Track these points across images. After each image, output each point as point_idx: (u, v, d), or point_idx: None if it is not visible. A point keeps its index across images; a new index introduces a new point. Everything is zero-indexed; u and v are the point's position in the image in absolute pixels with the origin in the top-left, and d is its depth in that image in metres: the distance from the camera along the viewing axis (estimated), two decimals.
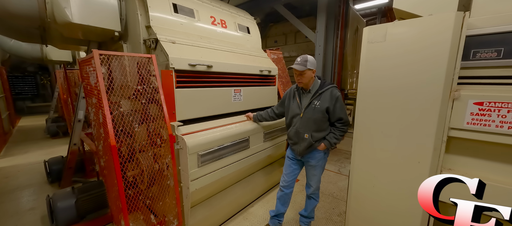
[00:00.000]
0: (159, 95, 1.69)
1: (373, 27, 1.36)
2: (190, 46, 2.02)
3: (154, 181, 1.76)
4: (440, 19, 1.11)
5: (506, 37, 1.07)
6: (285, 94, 2.01)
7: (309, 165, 1.96)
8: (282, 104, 2.08)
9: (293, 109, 1.90)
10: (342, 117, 1.79)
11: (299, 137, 1.87)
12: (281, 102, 2.09)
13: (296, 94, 1.91)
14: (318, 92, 1.80)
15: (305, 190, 2.08)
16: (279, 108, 2.13)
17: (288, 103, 1.96)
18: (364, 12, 7.00)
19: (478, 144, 1.15)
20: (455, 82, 1.16)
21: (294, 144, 1.94)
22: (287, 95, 1.99)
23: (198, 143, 1.76)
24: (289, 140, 2.02)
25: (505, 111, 1.03)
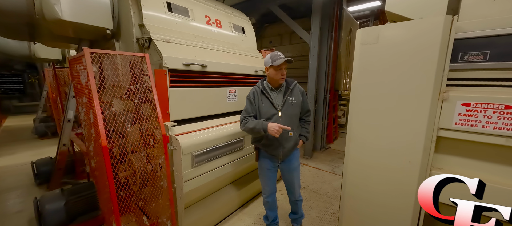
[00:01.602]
0: (152, 95, 1.66)
1: (366, 29, 1.38)
2: (184, 46, 2.00)
3: (147, 182, 1.73)
4: (430, 23, 1.15)
5: (492, 40, 1.11)
6: (250, 98, 1.77)
7: (292, 167, 1.86)
8: (252, 108, 1.78)
9: (266, 110, 1.71)
10: (309, 109, 1.88)
11: (282, 138, 1.72)
12: (250, 105, 1.78)
13: (263, 95, 1.74)
14: (288, 88, 1.77)
15: (289, 197, 2.01)
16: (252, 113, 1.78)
17: (258, 106, 1.76)
18: (358, 14, 7.12)
19: (465, 144, 1.19)
20: (444, 84, 1.19)
21: (275, 149, 1.76)
22: (253, 98, 1.76)
23: (192, 143, 1.74)
24: (265, 148, 1.79)
25: (491, 112, 1.07)
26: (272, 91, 1.77)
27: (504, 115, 1.04)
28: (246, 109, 1.79)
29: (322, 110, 4.32)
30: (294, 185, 1.91)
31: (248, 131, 1.73)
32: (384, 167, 1.40)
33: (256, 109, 1.77)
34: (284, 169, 1.88)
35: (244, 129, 1.75)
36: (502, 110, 1.04)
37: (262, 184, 1.97)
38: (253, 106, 1.77)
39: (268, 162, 1.85)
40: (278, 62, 1.65)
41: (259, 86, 1.79)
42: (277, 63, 1.65)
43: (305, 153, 4.26)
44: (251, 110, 1.77)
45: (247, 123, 1.72)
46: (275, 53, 1.70)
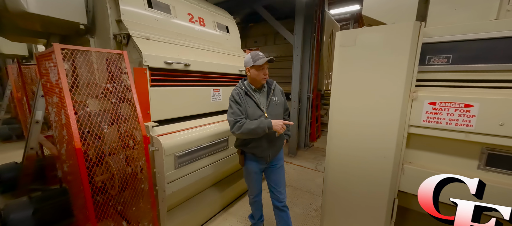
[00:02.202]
0: (131, 94, 1.59)
1: (344, 32, 1.45)
2: (166, 43, 1.94)
3: (127, 186, 1.65)
4: (401, 28, 1.24)
5: (454, 45, 1.23)
6: (235, 99, 1.63)
7: (277, 168, 1.81)
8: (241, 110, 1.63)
9: (253, 112, 1.62)
10: (288, 108, 1.89)
11: (270, 139, 1.67)
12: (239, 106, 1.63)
13: (247, 96, 1.65)
14: (270, 88, 1.72)
15: (275, 203, 1.83)
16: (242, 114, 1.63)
17: (244, 108, 1.63)
18: (339, 17, 7.40)
19: (432, 139, 1.30)
20: (414, 84, 1.29)
21: (263, 151, 1.69)
22: (239, 99, 1.63)
23: (175, 144, 1.70)
24: (253, 151, 1.70)
25: (453, 110, 1.18)
26: (255, 92, 1.69)
27: (464, 112, 1.16)
28: (234, 112, 1.61)
29: (305, 109, 4.43)
30: (280, 183, 1.86)
31: (247, 133, 1.56)
32: (362, 162, 1.48)
33: (243, 109, 1.64)
34: (271, 169, 1.82)
35: (241, 132, 1.55)
36: (462, 108, 1.16)
37: (248, 185, 1.92)
38: (241, 106, 1.63)
39: (255, 165, 1.77)
40: (260, 61, 1.59)
41: (242, 87, 1.68)
42: (259, 63, 1.58)
43: (290, 151, 4.34)
44: (241, 111, 1.63)
45: (245, 125, 1.55)
46: (255, 53, 1.63)
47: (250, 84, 1.70)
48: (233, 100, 1.66)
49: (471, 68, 1.20)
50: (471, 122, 1.14)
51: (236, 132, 1.59)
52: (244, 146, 1.74)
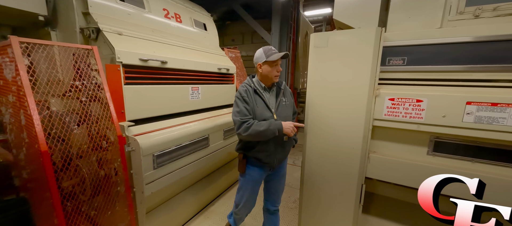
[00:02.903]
0: (103, 92, 1.50)
1: (318, 34, 1.56)
2: (140, 39, 1.86)
3: (100, 189, 1.56)
4: (365, 32, 1.39)
5: (408, 49, 1.42)
6: (243, 97, 1.47)
7: (281, 174, 1.71)
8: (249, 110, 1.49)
9: (261, 112, 1.48)
10: (296, 110, 1.78)
11: (278, 142, 1.54)
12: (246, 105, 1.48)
13: (256, 94, 1.51)
14: (280, 88, 1.61)
15: (269, 207, 1.75)
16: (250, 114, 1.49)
17: (253, 108, 1.49)
18: (313, 19, 7.76)
19: (392, 130, 1.49)
20: (377, 82, 1.46)
21: (269, 155, 1.53)
22: (247, 98, 1.48)
23: (153, 143, 1.65)
24: (258, 155, 1.53)
25: (408, 104, 1.37)
26: (265, 91, 1.56)
27: (416, 107, 1.35)
28: (241, 110, 1.44)
29: None
30: (281, 190, 1.76)
31: (254, 135, 1.41)
32: (334, 153, 1.62)
33: (251, 108, 1.48)
34: (273, 176, 1.68)
35: (248, 134, 1.40)
36: (414, 103, 1.35)
37: (241, 198, 1.66)
38: (249, 106, 1.47)
39: (258, 172, 1.59)
40: (274, 56, 1.45)
41: (250, 85, 1.52)
42: (273, 58, 1.45)
43: None
44: (248, 111, 1.47)
45: (254, 126, 1.40)
46: (268, 47, 1.51)
47: (260, 82, 1.55)
48: (240, 98, 1.48)
49: (421, 69, 1.40)
50: (421, 115, 1.35)
51: (242, 133, 1.42)
52: (248, 150, 1.56)
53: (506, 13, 1.31)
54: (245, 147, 1.58)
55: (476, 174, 1.28)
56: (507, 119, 1.16)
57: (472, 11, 1.37)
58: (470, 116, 1.23)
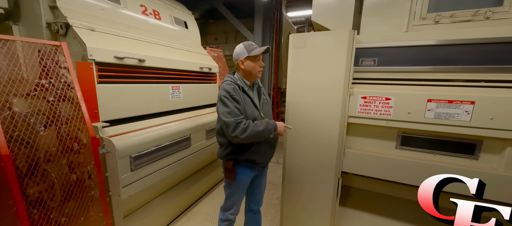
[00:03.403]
0: (74, 92, 1.42)
1: (296, 35, 1.62)
2: (116, 36, 1.78)
3: (71, 194, 1.47)
4: (339, 34, 1.47)
5: (378, 50, 1.53)
6: (233, 95, 1.36)
7: (265, 173, 1.68)
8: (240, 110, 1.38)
9: (251, 111, 1.42)
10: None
11: (267, 141, 1.49)
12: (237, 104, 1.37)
13: (244, 93, 1.43)
14: (259, 85, 1.57)
15: (253, 207, 1.72)
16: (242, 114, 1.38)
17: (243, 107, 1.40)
18: (295, 20, 7.93)
19: (364, 126, 1.59)
20: (351, 82, 1.55)
21: (262, 155, 1.49)
22: (238, 96, 1.38)
23: (130, 144, 1.59)
24: (252, 155, 1.46)
25: (378, 102, 1.47)
26: (249, 89, 1.48)
27: (385, 104, 1.46)
28: (232, 111, 1.32)
29: None
30: (263, 190, 1.73)
31: (253, 136, 1.32)
32: (313, 149, 1.69)
33: (242, 107, 1.38)
34: (258, 176, 1.63)
35: (247, 136, 1.30)
36: (384, 101, 1.46)
37: (232, 202, 1.57)
38: (240, 105, 1.38)
39: (248, 174, 1.51)
40: (256, 51, 1.39)
41: (236, 82, 1.42)
42: (255, 53, 1.39)
43: None
44: (239, 111, 1.36)
45: (251, 127, 1.31)
46: (248, 43, 1.44)
47: (243, 79, 1.46)
48: (229, 97, 1.35)
49: (390, 69, 1.52)
50: (390, 112, 1.45)
51: (239, 136, 1.30)
52: (240, 153, 1.45)
53: (461, 19, 1.46)
54: (236, 150, 1.45)
55: (437, 164, 1.41)
56: (461, 114, 1.29)
57: (433, 17, 1.50)
58: (431, 112, 1.36)
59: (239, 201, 1.59)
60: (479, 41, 1.31)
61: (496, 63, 1.29)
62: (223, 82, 1.43)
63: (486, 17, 1.40)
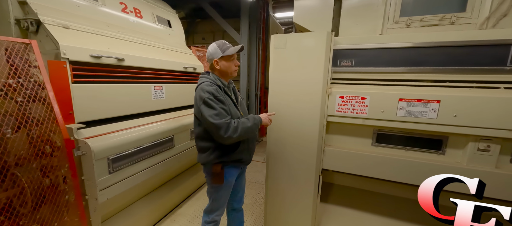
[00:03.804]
0: (45, 92, 1.36)
1: (277, 36, 1.65)
2: (92, 34, 1.72)
3: (44, 200, 1.41)
4: (318, 36, 1.51)
5: (355, 52, 1.59)
6: (216, 96, 1.33)
7: (245, 171, 1.70)
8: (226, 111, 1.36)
9: (234, 111, 1.42)
10: None
11: (249, 139, 1.51)
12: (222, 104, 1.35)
13: (225, 93, 1.42)
14: (233, 84, 1.58)
15: (236, 206, 1.72)
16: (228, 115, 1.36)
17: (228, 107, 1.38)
18: (283, 21, 8.01)
19: (343, 125, 1.65)
20: (329, 82, 1.61)
21: (249, 152, 1.52)
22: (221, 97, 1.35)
23: (107, 146, 1.55)
24: (240, 154, 1.46)
25: (354, 102, 1.54)
26: (227, 88, 1.48)
27: (361, 103, 1.53)
28: (220, 112, 1.30)
29: (254, 106, 4.68)
30: (244, 188, 1.74)
31: (244, 133, 1.34)
32: (295, 148, 1.73)
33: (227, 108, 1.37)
34: (241, 173, 1.63)
35: (239, 135, 1.31)
36: (360, 100, 1.52)
37: (218, 203, 1.53)
38: (226, 105, 1.36)
39: (235, 173, 1.51)
40: (230, 51, 1.38)
41: (216, 82, 1.39)
42: (230, 53, 1.38)
43: None
44: (226, 111, 1.35)
45: (241, 124, 1.33)
46: (222, 42, 1.42)
47: (221, 79, 1.44)
48: (214, 99, 1.31)
49: (365, 70, 1.59)
50: (365, 111, 1.52)
51: (233, 135, 1.29)
52: (228, 155, 1.43)
53: (430, 24, 1.56)
54: (225, 152, 1.42)
55: (408, 160, 1.50)
56: (428, 112, 1.38)
57: (405, 21, 1.59)
58: (402, 110, 1.44)
59: (225, 202, 1.59)
60: (444, 44, 1.40)
61: (459, 64, 1.39)
62: (202, 83, 1.37)
63: (451, 22, 1.50)
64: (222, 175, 1.43)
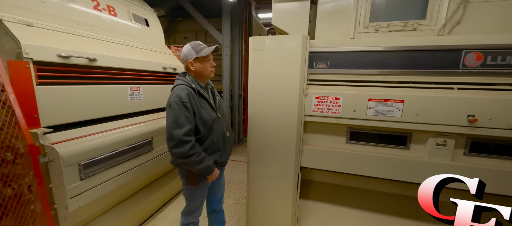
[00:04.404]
0: (5, 94, 1.26)
1: (256, 37, 1.68)
2: (60, 33, 1.62)
3: (6, 211, 1.30)
4: (294, 38, 1.57)
5: (330, 54, 1.67)
6: (185, 103, 1.28)
7: (223, 171, 1.71)
8: (190, 120, 1.30)
9: (209, 115, 1.39)
10: None
11: (225, 140, 1.52)
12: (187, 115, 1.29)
13: (200, 96, 1.39)
14: (211, 86, 1.57)
15: (216, 207, 1.73)
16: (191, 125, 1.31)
17: (197, 112, 1.35)
18: (266, 22, 8.09)
19: (319, 124, 1.73)
20: (306, 83, 1.67)
21: (222, 154, 1.51)
22: (190, 104, 1.31)
23: (78, 151, 1.47)
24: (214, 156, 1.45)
25: (329, 102, 1.62)
26: (205, 90, 1.45)
27: (335, 103, 1.61)
28: (182, 123, 1.25)
29: (237, 107, 4.68)
30: (223, 188, 1.74)
31: (189, 165, 1.33)
32: (274, 147, 1.77)
33: (193, 118, 1.32)
34: (219, 174, 1.62)
35: (184, 162, 1.30)
36: (334, 100, 1.61)
37: (194, 205, 1.53)
38: (190, 114, 1.29)
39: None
40: (204, 52, 1.35)
41: (191, 85, 1.35)
42: (204, 54, 1.35)
43: None
44: (189, 121, 1.28)
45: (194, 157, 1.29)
46: (196, 43, 1.39)
47: (197, 81, 1.41)
48: (181, 105, 1.26)
49: (339, 71, 1.68)
50: (339, 110, 1.61)
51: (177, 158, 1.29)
52: None
53: (395, 29, 1.68)
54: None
55: (378, 155, 1.61)
56: (394, 111, 1.50)
57: (374, 26, 1.71)
58: (371, 110, 1.54)
59: (202, 202, 1.59)
60: (408, 49, 1.53)
61: (420, 67, 1.53)
62: (176, 86, 1.35)
63: (413, 28, 1.64)
64: (196, 177, 1.42)
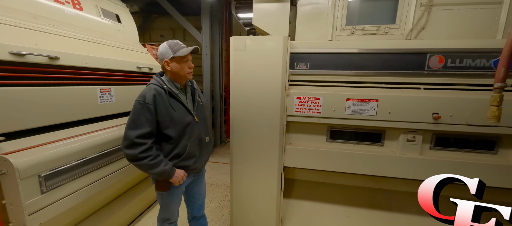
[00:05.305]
0: None
1: (237, 37, 1.65)
2: (12, 27, 1.42)
3: None
4: (275, 39, 1.58)
5: (309, 56, 1.72)
6: (147, 104, 1.24)
7: (202, 175, 1.62)
8: (150, 122, 1.26)
9: (181, 118, 1.34)
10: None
11: (202, 145, 1.46)
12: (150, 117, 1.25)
13: (172, 97, 1.34)
14: (194, 87, 1.49)
15: (196, 214, 1.67)
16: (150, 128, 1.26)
17: (166, 115, 1.29)
18: (247, 21, 8.07)
19: (301, 124, 1.77)
20: (287, 84, 1.69)
21: (197, 160, 1.44)
22: (153, 106, 1.25)
23: (38, 161, 1.30)
24: (185, 162, 1.39)
25: (310, 102, 1.66)
26: (181, 92, 1.39)
27: (315, 103, 1.66)
28: (142, 124, 1.22)
29: (219, 107, 4.59)
30: (204, 195, 1.68)
31: (142, 169, 1.28)
32: (257, 147, 1.77)
33: (155, 120, 1.26)
34: (197, 180, 1.58)
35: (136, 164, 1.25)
36: (314, 100, 1.65)
37: (168, 210, 1.49)
38: (152, 116, 1.24)
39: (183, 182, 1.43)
40: (182, 51, 1.29)
41: (162, 86, 1.30)
42: (181, 54, 1.29)
43: None
44: (149, 124, 1.23)
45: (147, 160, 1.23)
46: (174, 41, 1.32)
47: (172, 82, 1.36)
48: (144, 105, 1.22)
49: (319, 72, 1.73)
50: (319, 110, 1.66)
51: (129, 159, 1.24)
52: (172, 161, 1.35)
53: (369, 33, 1.78)
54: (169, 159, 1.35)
55: (356, 153, 1.69)
56: (369, 110, 1.59)
57: (350, 29, 1.79)
58: (349, 109, 1.61)
59: (177, 207, 1.53)
60: (380, 51, 1.63)
61: (391, 69, 1.64)
62: (147, 86, 1.31)
63: (385, 32, 1.75)
64: (165, 182, 1.35)
